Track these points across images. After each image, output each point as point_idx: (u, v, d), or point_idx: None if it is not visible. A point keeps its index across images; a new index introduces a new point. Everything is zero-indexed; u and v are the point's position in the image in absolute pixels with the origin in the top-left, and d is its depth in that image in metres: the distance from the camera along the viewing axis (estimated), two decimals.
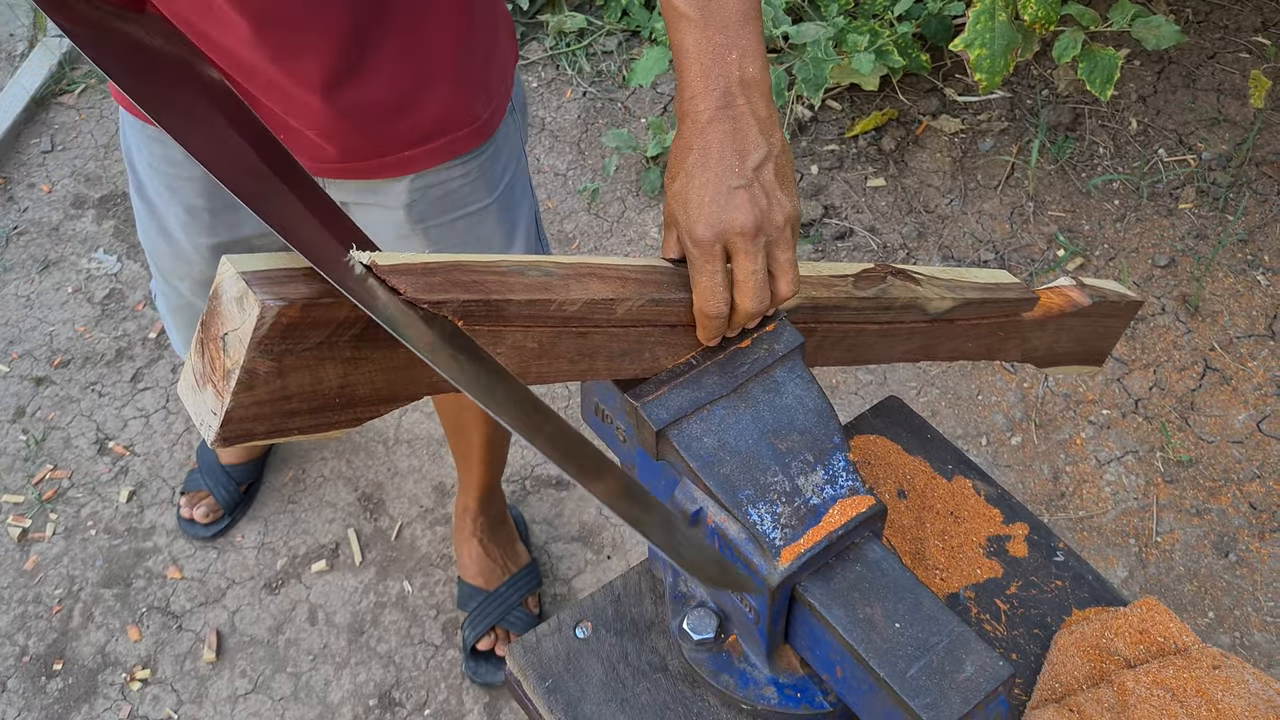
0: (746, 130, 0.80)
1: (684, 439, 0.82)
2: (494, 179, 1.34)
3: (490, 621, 1.91)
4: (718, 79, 0.80)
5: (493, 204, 1.36)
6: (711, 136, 0.80)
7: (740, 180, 0.79)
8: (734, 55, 0.80)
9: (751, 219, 0.79)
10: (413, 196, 1.29)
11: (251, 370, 0.61)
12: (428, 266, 0.69)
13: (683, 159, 0.82)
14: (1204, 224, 2.51)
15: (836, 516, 0.80)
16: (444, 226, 1.34)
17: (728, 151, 0.80)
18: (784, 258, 0.82)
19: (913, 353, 1.05)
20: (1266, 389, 2.22)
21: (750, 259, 0.80)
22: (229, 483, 2.11)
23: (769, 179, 0.81)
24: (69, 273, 2.64)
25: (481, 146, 1.29)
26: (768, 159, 0.81)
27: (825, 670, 0.84)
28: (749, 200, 0.79)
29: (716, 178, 0.79)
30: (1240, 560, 1.99)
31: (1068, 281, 1.18)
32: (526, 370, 0.75)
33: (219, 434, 0.63)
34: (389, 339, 0.66)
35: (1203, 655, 0.95)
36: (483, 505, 1.95)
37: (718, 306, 0.81)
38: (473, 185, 1.32)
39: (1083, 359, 1.26)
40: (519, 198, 1.41)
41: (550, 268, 0.76)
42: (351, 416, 0.69)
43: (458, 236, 1.35)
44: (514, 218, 1.40)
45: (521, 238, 1.42)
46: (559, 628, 1.03)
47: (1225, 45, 2.87)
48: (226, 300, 0.62)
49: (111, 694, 1.94)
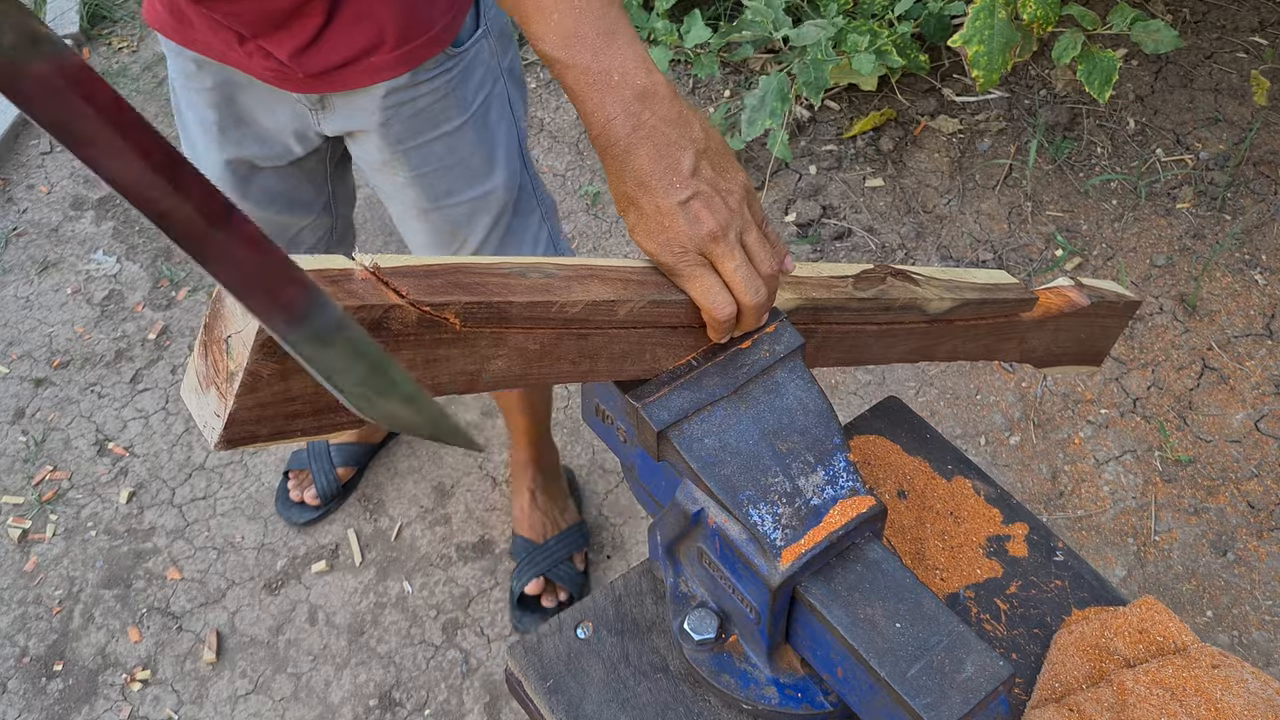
0: (666, 138, 0.79)
1: (685, 440, 0.82)
2: (465, 98, 1.37)
3: (537, 571, 1.97)
4: (613, 105, 0.79)
5: (466, 123, 1.39)
6: (638, 161, 0.79)
7: (685, 191, 0.79)
8: (615, 76, 0.79)
9: (713, 223, 0.79)
10: (386, 115, 1.34)
11: (255, 373, 0.61)
12: (429, 268, 0.69)
13: (623, 193, 0.81)
14: (1202, 224, 2.51)
15: (837, 517, 0.81)
16: (422, 149, 1.38)
17: (659, 169, 0.79)
18: (753, 238, 0.82)
19: (911, 353, 1.05)
20: (1264, 388, 2.22)
21: (729, 257, 0.80)
22: (330, 471, 2.12)
23: (708, 174, 0.80)
24: (68, 274, 2.64)
25: (445, 61, 1.33)
26: (699, 156, 0.80)
27: (826, 670, 0.85)
28: (702, 205, 0.79)
29: (662, 198, 0.79)
30: (1238, 559, 2.00)
31: (1066, 282, 1.18)
32: (528, 372, 0.75)
33: (222, 436, 0.63)
34: (391, 342, 0.66)
35: (1202, 654, 0.95)
36: (533, 457, 2.01)
37: (725, 309, 0.81)
38: (443, 103, 1.36)
39: (1081, 359, 1.27)
40: (496, 120, 1.43)
41: (551, 269, 0.76)
42: (354, 418, 0.69)
43: (436, 159, 1.39)
44: (492, 140, 1.43)
45: (503, 161, 1.45)
46: (560, 628, 1.03)
47: (1222, 45, 2.88)
48: (229, 302, 0.62)
49: (112, 695, 1.95)
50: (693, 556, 0.90)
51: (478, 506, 2.16)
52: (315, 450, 2.14)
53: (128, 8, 3.46)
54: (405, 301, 0.66)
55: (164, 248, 2.69)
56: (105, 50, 3.31)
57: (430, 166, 1.40)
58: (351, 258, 0.67)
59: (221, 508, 2.19)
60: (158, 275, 2.62)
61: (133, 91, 3.15)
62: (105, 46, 3.32)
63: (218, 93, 1.40)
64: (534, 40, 0.82)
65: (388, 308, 0.65)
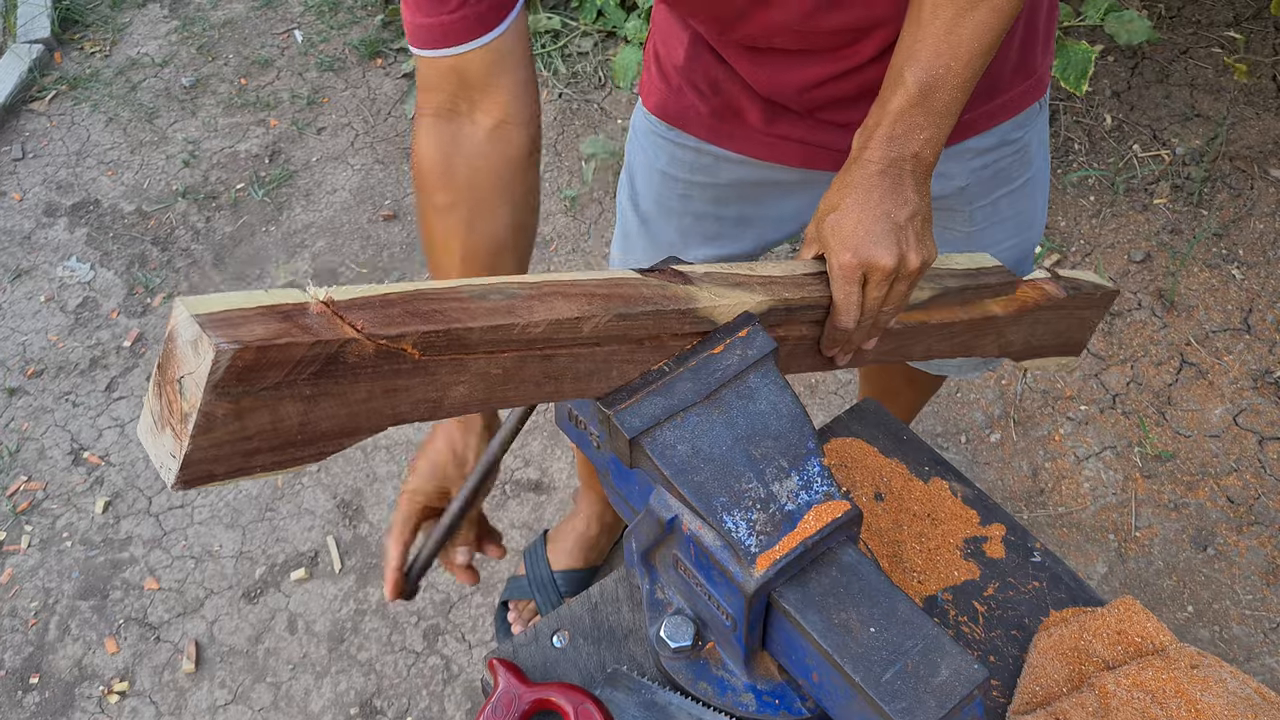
0: (905, 188, 0.92)
1: (657, 447, 0.81)
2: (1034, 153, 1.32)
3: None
4: (900, 145, 0.92)
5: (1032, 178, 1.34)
6: (876, 184, 0.92)
7: (892, 225, 0.91)
8: (924, 135, 0.92)
9: (893, 260, 0.91)
10: (969, 179, 1.28)
11: (209, 413, 0.60)
12: (386, 298, 0.68)
13: (844, 194, 0.93)
14: (1179, 219, 2.52)
15: (811, 522, 0.80)
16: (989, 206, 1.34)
17: (887, 200, 0.92)
18: (900, 290, 0.94)
19: (886, 354, 1.04)
20: (1242, 383, 2.23)
21: (878, 289, 0.92)
22: (558, 601, 1.96)
23: (918, 228, 0.93)
24: (41, 281, 2.62)
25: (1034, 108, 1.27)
26: (917, 213, 0.93)
27: (802, 676, 0.84)
28: (896, 243, 0.91)
29: (873, 218, 0.91)
30: (1218, 554, 2.00)
31: (1042, 274, 1.17)
32: (491, 396, 0.74)
33: (179, 477, 0.62)
34: (349, 375, 0.65)
35: (1180, 655, 0.95)
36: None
37: (850, 320, 0.93)
38: (1019, 158, 1.30)
39: (1060, 350, 1.26)
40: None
41: (514, 289, 0.75)
42: (315, 451, 0.68)
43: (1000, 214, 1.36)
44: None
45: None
46: (536, 637, 1.02)
47: (1198, 40, 2.89)
48: (181, 343, 0.60)
49: (89, 707, 1.92)
50: (668, 563, 0.89)
51: None
52: (538, 579, 1.98)
53: (100, 11, 3.43)
54: (361, 335, 0.64)
55: (138, 254, 2.66)
56: (78, 55, 3.28)
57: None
58: (307, 289, 0.65)
59: (199, 516, 2.17)
60: (132, 282, 2.60)
61: (105, 96, 3.12)
62: (77, 51, 3.29)
63: (722, 188, 1.35)
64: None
65: (343, 342, 0.63)
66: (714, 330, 0.86)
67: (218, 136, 3.00)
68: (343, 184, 2.83)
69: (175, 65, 3.24)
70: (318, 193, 2.81)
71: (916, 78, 0.92)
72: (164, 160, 2.94)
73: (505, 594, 1.98)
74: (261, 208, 2.78)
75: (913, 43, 0.93)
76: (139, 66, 3.24)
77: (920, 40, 0.93)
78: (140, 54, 3.28)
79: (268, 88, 3.14)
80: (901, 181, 0.93)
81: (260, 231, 2.72)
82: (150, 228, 2.74)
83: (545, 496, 2.16)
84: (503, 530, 2.11)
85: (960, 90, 0.93)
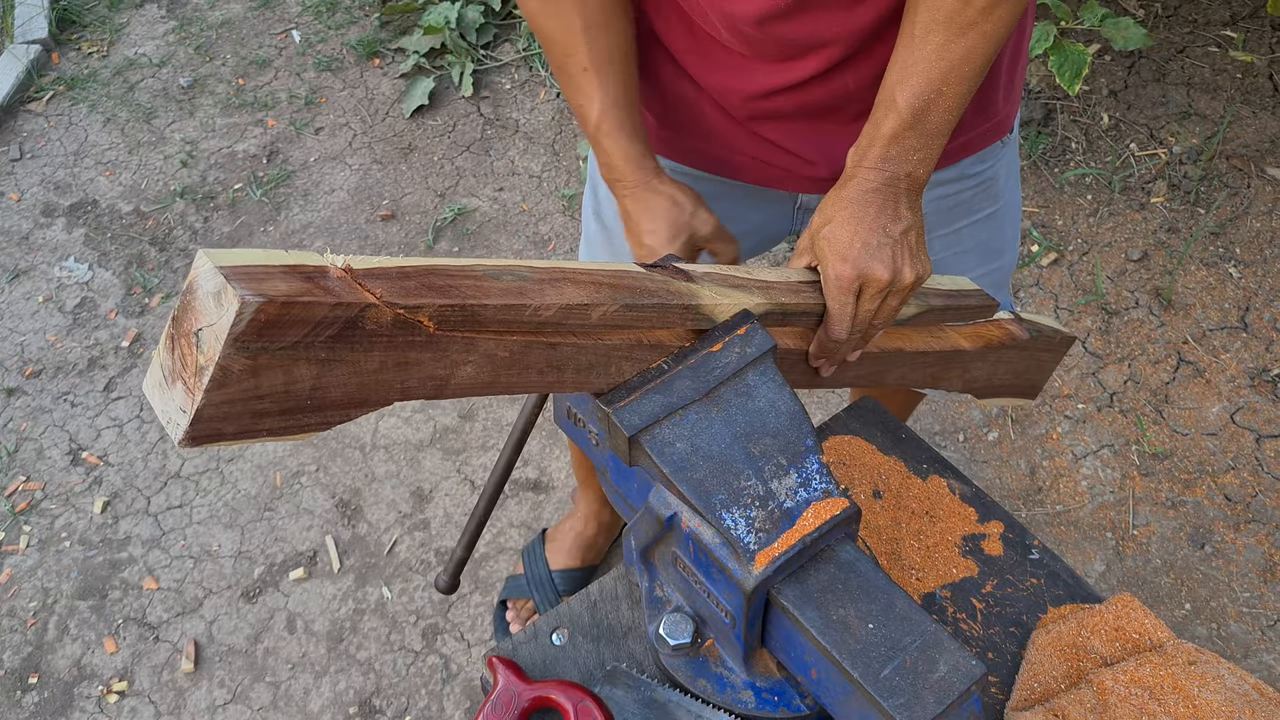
0: (900, 205, 0.96)
1: (656, 444, 0.81)
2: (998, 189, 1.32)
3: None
4: (894, 165, 0.95)
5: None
6: (871, 200, 0.95)
7: (887, 239, 0.94)
8: (917, 156, 0.95)
9: (889, 273, 0.94)
10: (928, 208, 1.25)
11: (225, 367, 0.60)
12: (403, 270, 0.68)
13: (839, 209, 0.95)
14: (1176, 218, 2.52)
15: (810, 520, 0.80)
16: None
17: (883, 215, 0.95)
18: (891, 304, 0.96)
19: (863, 377, 1.06)
20: (1239, 381, 2.23)
21: (871, 301, 0.95)
22: (556, 600, 1.96)
23: (911, 243, 0.96)
24: (39, 282, 2.62)
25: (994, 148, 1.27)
26: (911, 228, 0.96)
27: (801, 673, 0.84)
28: (891, 256, 0.94)
29: (868, 232, 0.94)
30: (1216, 551, 2.00)
31: (1005, 315, 1.20)
32: (496, 379, 0.74)
33: (188, 433, 0.62)
34: (364, 342, 0.65)
35: (1178, 651, 0.95)
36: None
37: (843, 331, 0.95)
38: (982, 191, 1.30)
39: (1018, 391, 1.31)
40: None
41: (525, 272, 0.75)
42: (321, 419, 0.68)
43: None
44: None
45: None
46: (535, 635, 1.03)
47: (1194, 40, 2.89)
48: (202, 295, 0.60)
49: (88, 707, 1.93)
50: (667, 561, 0.89)
51: (456, 511, 2.15)
52: (536, 578, 1.99)
53: (97, 12, 3.43)
54: (380, 302, 0.65)
55: (136, 254, 2.66)
56: (75, 55, 3.28)
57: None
58: (325, 258, 0.66)
59: (198, 516, 2.17)
60: (130, 282, 2.60)
61: (103, 96, 3.12)
62: (75, 51, 3.29)
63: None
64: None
65: (364, 306, 0.64)
66: (712, 328, 0.86)
67: (215, 137, 3.00)
68: (340, 184, 2.83)
69: (173, 65, 3.24)
70: (315, 193, 2.81)
71: (909, 102, 0.94)
72: (162, 160, 2.94)
73: (504, 593, 1.99)
74: (259, 208, 2.78)
75: (905, 65, 0.95)
76: (136, 67, 3.24)
77: (912, 63, 0.94)
78: (138, 54, 3.28)
79: (265, 88, 3.14)
80: (896, 198, 0.95)
81: (258, 231, 2.72)
82: (148, 228, 2.74)
83: (544, 496, 2.16)
84: (501, 530, 2.12)
85: (952, 112, 0.95)
